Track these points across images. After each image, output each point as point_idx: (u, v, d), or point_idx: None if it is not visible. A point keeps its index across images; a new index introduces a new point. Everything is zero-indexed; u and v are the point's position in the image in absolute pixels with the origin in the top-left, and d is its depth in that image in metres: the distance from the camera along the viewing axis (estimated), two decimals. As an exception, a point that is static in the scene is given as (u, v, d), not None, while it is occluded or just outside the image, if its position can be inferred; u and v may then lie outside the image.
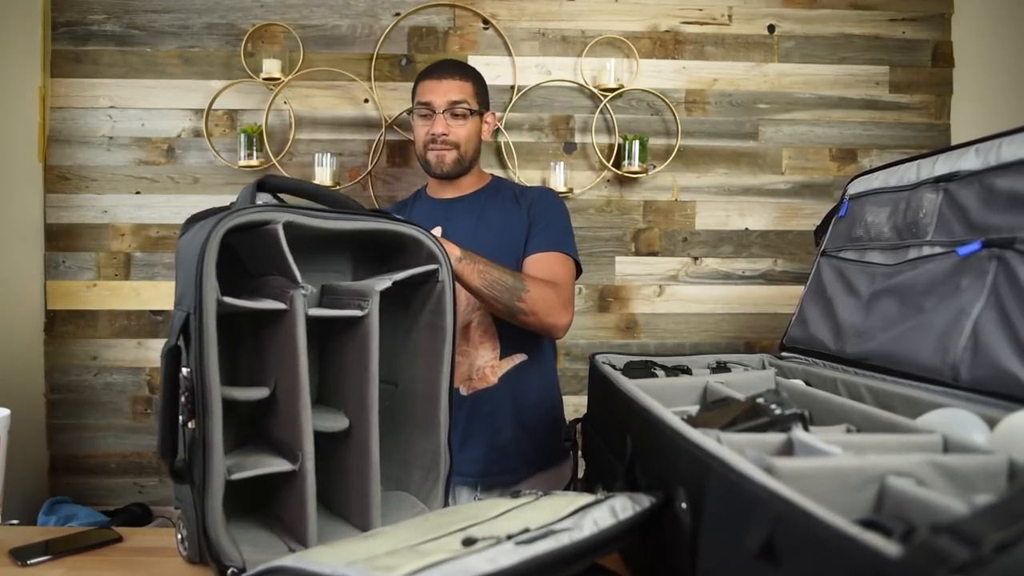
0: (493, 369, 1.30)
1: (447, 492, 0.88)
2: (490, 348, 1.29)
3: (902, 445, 0.57)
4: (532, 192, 1.40)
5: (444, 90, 1.31)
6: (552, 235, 1.31)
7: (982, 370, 0.71)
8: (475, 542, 0.52)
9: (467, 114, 1.31)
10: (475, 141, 1.35)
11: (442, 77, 1.32)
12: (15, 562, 0.78)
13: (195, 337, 0.68)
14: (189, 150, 1.92)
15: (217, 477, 0.68)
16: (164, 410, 0.70)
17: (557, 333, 1.26)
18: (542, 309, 1.19)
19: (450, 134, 1.31)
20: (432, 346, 0.89)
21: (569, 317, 1.25)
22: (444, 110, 1.30)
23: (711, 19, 1.98)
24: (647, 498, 0.59)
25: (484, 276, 1.13)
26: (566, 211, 1.39)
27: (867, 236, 1.02)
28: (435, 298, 0.88)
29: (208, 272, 0.68)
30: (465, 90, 1.32)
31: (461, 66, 1.38)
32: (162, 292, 1.92)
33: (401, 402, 0.92)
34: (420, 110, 1.33)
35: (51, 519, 1.66)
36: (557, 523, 0.55)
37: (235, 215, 0.71)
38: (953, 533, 0.32)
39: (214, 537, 0.68)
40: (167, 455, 0.71)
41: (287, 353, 0.76)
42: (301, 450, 0.75)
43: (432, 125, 1.31)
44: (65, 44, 1.89)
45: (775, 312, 1.98)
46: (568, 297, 1.27)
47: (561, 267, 1.29)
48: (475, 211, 1.35)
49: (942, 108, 2.00)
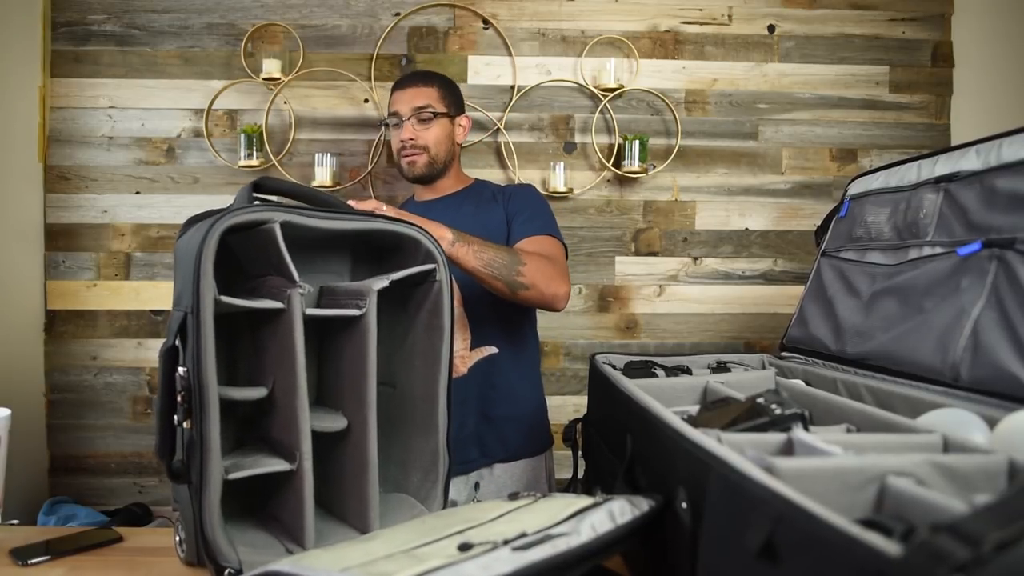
0: (463, 360, 1.32)
1: (446, 493, 0.88)
2: (460, 338, 1.31)
3: (902, 445, 0.57)
4: (511, 189, 1.43)
5: (408, 98, 1.37)
6: (536, 222, 1.34)
7: (982, 370, 0.71)
8: (471, 547, 0.51)
9: (431, 117, 1.36)
10: (446, 144, 1.40)
11: (406, 86, 1.39)
12: (15, 562, 0.78)
13: (192, 336, 0.68)
14: (189, 150, 1.92)
15: (214, 477, 0.68)
16: (161, 410, 0.70)
17: (559, 303, 1.26)
18: (541, 280, 1.21)
19: (417, 138, 1.36)
20: (431, 346, 0.89)
21: (567, 287, 1.26)
22: (409, 117, 1.36)
23: (711, 19, 1.98)
24: (646, 501, 0.59)
25: (479, 256, 1.14)
26: (547, 203, 1.42)
27: (867, 236, 1.02)
28: (433, 297, 0.88)
29: (206, 271, 0.68)
30: (430, 95, 1.37)
31: (425, 74, 1.44)
32: (162, 292, 1.92)
33: (400, 404, 0.92)
34: (391, 120, 1.40)
35: (51, 519, 1.66)
36: (554, 527, 0.54)
37: (233, 214, 0.71)
38: (953, 532, 0.32)
39: (211, 537, 0.68)
40: (165, 455, 0.71)
41: (285, 352, 0.76)
42: (299, 450, 0.74)
43: (400, 133, 1.37)
44: (65, 44, 1.89)
45: (775, 312, 1.98)
46: (563, 269, 1.28)
47: (550, 245, 1.31)
48: (451, 211, 1.36)
49: (942, 108, 2.00)
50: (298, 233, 0.78)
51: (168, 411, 0.69)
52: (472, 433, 1.32)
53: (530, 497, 0.70)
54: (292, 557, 0.63)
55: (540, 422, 1.43)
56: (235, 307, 0.73)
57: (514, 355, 1.37)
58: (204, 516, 0.68)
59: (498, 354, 1.34)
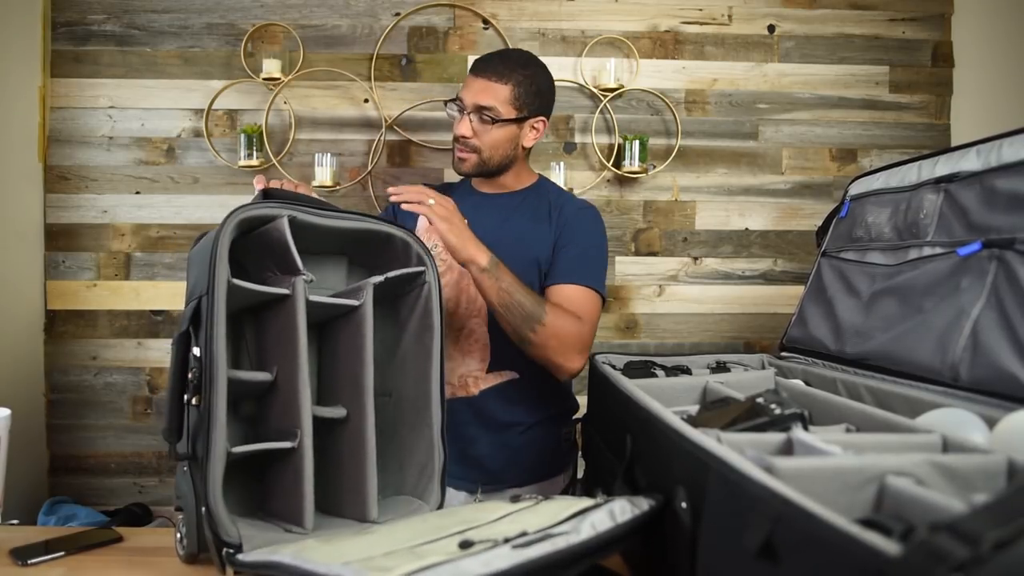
0: (476, 381, 1.23)
1: (443, 488, 0.89)
2: (478, 359, 1.23)
3: (902, 445, 0.57)
4: (570, 209, 1.26)
5: (477, 90, 1.19)
6: (583, 265, 1.20)
7: (982, 370, 0.71)
8: (472, 545, 0.52)
9: (492, 122, 1.18)
10: (505, 148, 1.22)
11: (480, 74, 1.19)
12: (15, 562, 0.78)
13: (206, 315, 0.73)
14: (189, 150, 1.92)
15: (219, 448, 0.71)
16: (172, 391, 0.74)
17: (561, 375, 1.16)
18: (553, 347, 1.11)
19: (472, 138, 1.20)
20: (422, 346, 0.93)
21: (580, 363, 1.15)
22: (470, 112, 1.19)
23: (711, 19, 1.98)
24: (646, 501, 0.59)
25: (502, 296, 1.07)
26: (603, 235, 1.27)
27: (868, 236, 1.02)
28: (424, 299, 0.93)
29: (221, 256, 0.74)
30: (499, 95, 1.18)
31: (507, 64, 1.20)
32: (162, 292, 1.92)
33: (396, 409, 0.95)
34: (455, 105, 1.22)
35: (51, 519, 1.66)
36: (555, 527, 0.55)
37: (247, 208, 0.79)
38: (952, 532, 0.32)
39: (214, 509, 0.69)
40: (172, 436, 0.74)
41: (288, 336, 0.80)
42: (299, 427, 0.77)
43: (456, 125, 1.21)
44: (65, 44, 1.89)
45: (775, 312, 1.98)
46: (588, 339, 1.16)
47: (587, 304, 1.17)
48: (503, 213, 1.26)
49: (942, 108, 2.00)
50: (301, 237, 0.82)
51: (179, 392, 0.74)
52: (482, 454, 1.24)
53: (532, 500, 0.70)
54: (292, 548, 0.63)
55: (557, 450, 1.30)
56: (245, 290, 0.78)
57: (537, 384, 1.23)
58: (208, 488, 0.70)
59: (518, 379, 1.23)
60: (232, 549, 0.68)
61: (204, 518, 0.70)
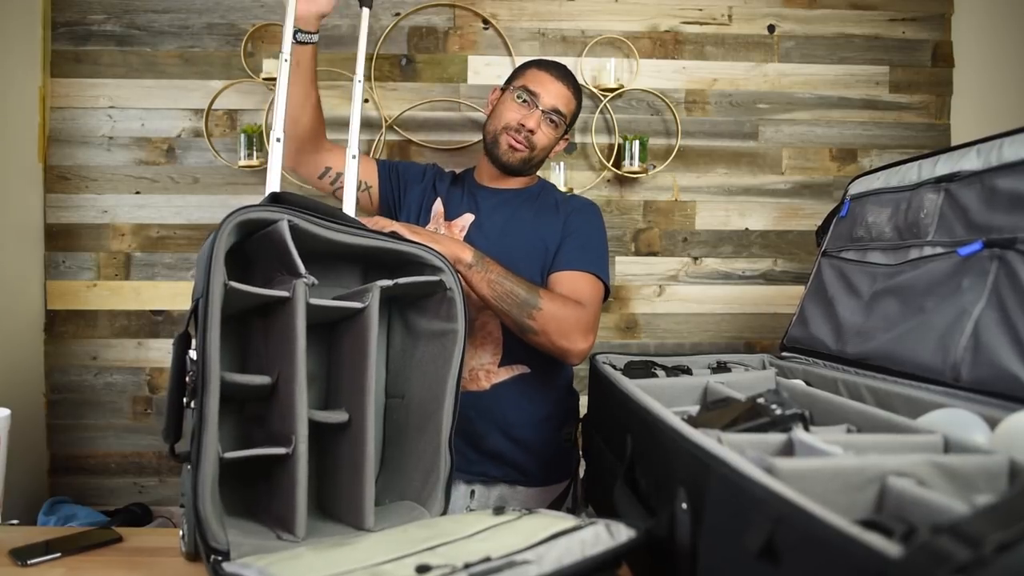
0: (488, 375, 1.25)
1: (447, 495, 0.88)
2: (490, 352, 1.25)
3: (903, 445, 0.57)
4: (574, 203, 1.36)
5: (557, 93, 1.28)
6: (585, 253, 1.26)
7: (983, 370, 0.71)
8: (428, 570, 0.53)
9: (555, 127, 1.29)
10: (547, 153, 1.34)
11: (561, 80, 1.29)
12: (15, 562, 0.78)
13: (200, 317, 0.72)
14: (189, 150, 1.92)
15: (210, 451, 0.70)
16: (171, 393, 0.74)
17: (570, 359, 1.18)
18: (554, 329, 1.13)
19: (535, 135, 1.27)
20: (442, 349, 0.91)
21: (587, 343, 1.17)
22: (545, 111, 1.27)
23: (711, 19, 1.98)
24: (627, 531, 0.59)
25: (494, 287, 1.10)
26: (604, 229, 1.35)
27: (868, 236, 1.02)
28: (445, 305, 0.92)
29: (217, 258, 0.73)
30: (570, 107, 1.31)
31: (574, 83, 1.34)
32: (162, 292, 1.91)
33: (407, 411, 0.94)
34: (522, 94, 1.27)
35: (51, 519, 1.65)
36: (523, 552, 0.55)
37: (246, 211, 0.78)
38: (954, 533, 0.32)
39: (202, 513, 0.68)
40: (170, 436, 0.75)
41: (287, 340, 0.79)
42: (295, 433, 0.76)
43: (527, 116, 1.26)
44: (65, 44, 1.89)
45: (775, 312, 1.98)
46: (590, 321, 1.19)
47: (588, 288, 1.22)
48: (511, 208, 1.31)
49: (942, 108, 2.00)
50: (309, 244, 0.81)
51: (177, 393, 0.74)
52: (493, 450, 1.25)
53: (515, 513, 0.71)
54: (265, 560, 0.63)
55: (561, 449, 1.33)
56: (243, 293, 0.77)
57: (547, 379, 1.28)
58: (198, 492, 0.69)
59: (529, 374, 1.26)
60: (220, 556, 0.67)
61: (194, 524, 0.69)
